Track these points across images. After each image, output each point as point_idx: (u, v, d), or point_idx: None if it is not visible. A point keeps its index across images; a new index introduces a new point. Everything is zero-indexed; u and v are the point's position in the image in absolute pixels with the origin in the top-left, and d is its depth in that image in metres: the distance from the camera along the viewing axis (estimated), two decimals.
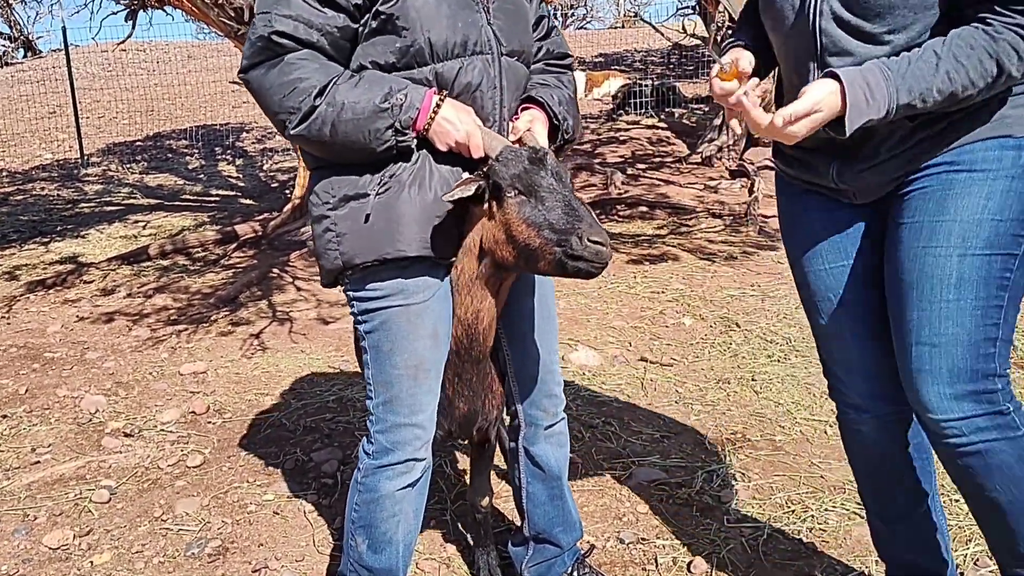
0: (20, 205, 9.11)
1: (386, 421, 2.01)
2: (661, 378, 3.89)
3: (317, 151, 1.91)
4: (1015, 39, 1.56)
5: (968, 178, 1.68)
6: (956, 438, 1.70)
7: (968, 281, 1.67)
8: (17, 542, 2.82)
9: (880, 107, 1.60)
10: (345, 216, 1.90)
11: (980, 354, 1.68)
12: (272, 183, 9.76)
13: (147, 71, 16.46)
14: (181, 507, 2.99)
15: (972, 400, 1.68)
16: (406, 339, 1.95)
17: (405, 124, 1.81)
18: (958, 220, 1.67)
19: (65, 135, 12.37)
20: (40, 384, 4.20)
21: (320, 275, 2.05)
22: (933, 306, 1.69)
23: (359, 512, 2.07)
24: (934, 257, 1.69)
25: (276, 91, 1.81)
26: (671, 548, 2.62)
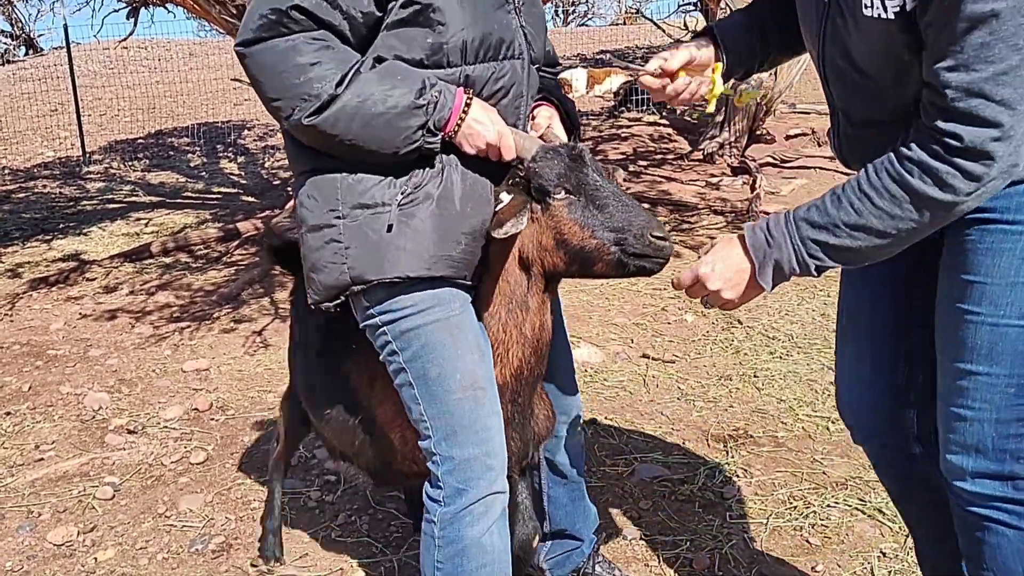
0: (22, 203, 9.12)
1: (453, 458, 1.76)
2: (663, 375, 3.90)
3: (323, 146, 1.68)
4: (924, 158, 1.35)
5: (1001, 231, 1.45)
6: (965, 505, 1.60)
7: (1002, 355, 1.48)
8: (21, 538, 2.83)
9: (782, 247, 1.49)
10: (357, 227, 1.69)
11: (1009, 434, 1.51)
12: (274, 180, 9.76)
13: (149, 69, 16.45)
14: (185, 503, 3.00)
15: (992, 479, 1.55)
16: (454, 357, 1.73)
17: (437, 125, 1.64)
18: (989, 283, 1.46)
19: (67, 133, 12.37)
20: (43, 381, 4.21)
21: (312, 291, 1.80)
22: (964, 377, 1.53)
23: (444, 569, 1.80)
24: (968, 323, 1.50)
25: (286, 73, 1.59)
26: (673, 544, 2.62)
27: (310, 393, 2.25)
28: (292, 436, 2.58)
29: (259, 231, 6.95)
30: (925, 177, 1.36)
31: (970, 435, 1.54)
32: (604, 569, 2.42)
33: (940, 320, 1.59)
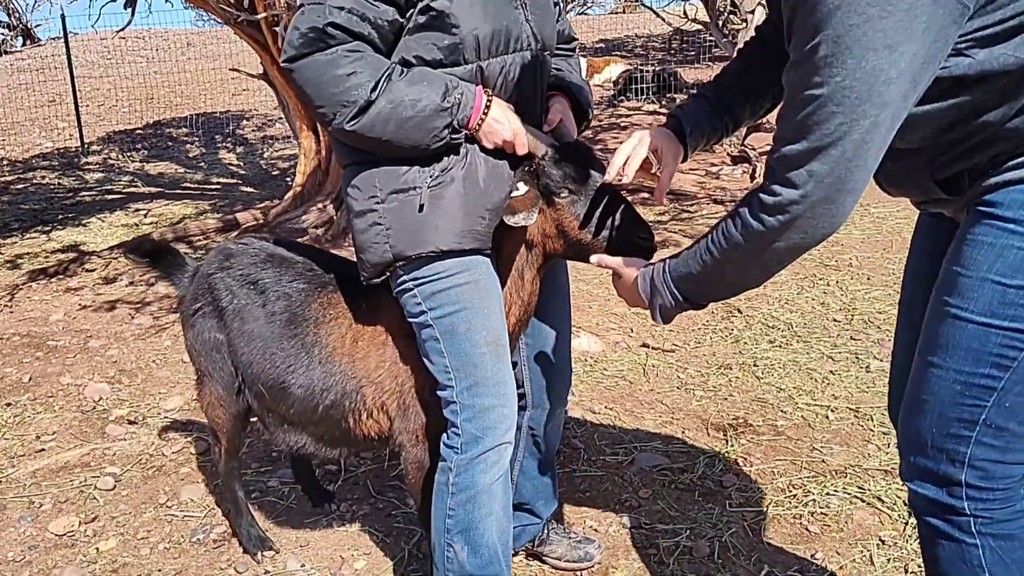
0: (21, 194, 9.11)
1: (474, 407, 1.95)
2: (663, 364, 3.90)
3: (363, 145, 1.87)
4: (744, 212, 1.45)
5: (987, 226, 1.40)
6: (915, 511, 1.56)
7: (956, 348, 1.42)
8: (23, 529, 2.84)
9: (663, 292, 1.67)
10: (395, 210, 1.88)
11: (947, 433, 1.45)
12: (273, 171, 9.75)
13: (146, 59, 16.41)
14: (186, 494, 3.01)
15: (930, 482, 1.49)
16: (481, 314, 1.93)
17: (461, 123, 1.82)
18: (963, 274, 1.41)
19: (65, 123, 12.35)
20: (43, 372, 4.21)
21: (362, 269, 2.00)
22: (922, 364, 1.49)
23: (455, 516, 1.98)
24: (933, 308, 1.48)
25: (327, 84, 1.77)
26: (673, 532, 2.63)
27: (265, 371, 2.25)
28: (232, 433, 2.51)
29: (259, 221, 6.94)
30: (737, 225, 1.47)
31: (914, 429, 1.50)
32: (560, 534, 2.53)
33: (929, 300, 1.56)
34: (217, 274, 2.36)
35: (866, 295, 4.45)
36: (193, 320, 2.41)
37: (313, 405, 2.19)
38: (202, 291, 2.39)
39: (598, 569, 2.48)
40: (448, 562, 2.01)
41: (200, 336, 2.39)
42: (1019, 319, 1.37)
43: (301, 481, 2.93)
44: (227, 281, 2.33)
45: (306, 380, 2.18)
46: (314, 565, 2.59)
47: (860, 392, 3.43)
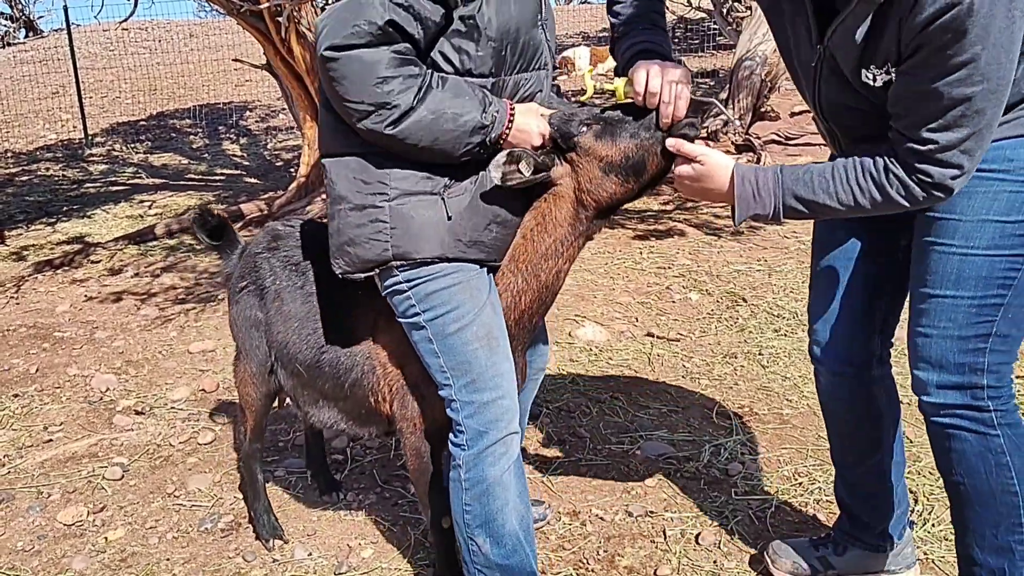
0: (25, 186, 9.12)
1: (472, 403, 1.96)
2: (668, 353, 3.90)
3: (386, 145, 1.85)
4: (908, 183, 1.65)
5: (977, 177, 1.68)
6: (935, 418, 1.83)
7: (967, 279, 1.73)
8: (32, 519, 2.86)
9: (766, 206, 1.76)
10: (405, 211, 1.88)
11: (969, 349, 1.76)
12: (276, 162, 9.75)
13: (149, 50, 16.39)
14: (193, 483, 3.03)
15: (954, 390, 1.79)
16: (471, 311, 1.93)
17: (492, 141, 1.86)
18: (963, 220, 1.72)
19: (69, 115, 12.35)
20: (50, 363, 4.23)
21: (344, 262, 1.98)
22: (932, 300, 1.78)
23: (472, 510, 2.00)
24: (938, 254, 1.76)
25: (368, 83, 1.75)
26: (679, 521, 2.64)
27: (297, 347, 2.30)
28: (260, 412, 2.57)
29: (263, 212, 6.95)
30: (902, 191, 1.66)
31: (935, 352, 1.79)
32: None
33: (913, 258, 1.84)
34: (263, 254, 2.42)
35: None
36: (238, 297, 2.47)
37: (340, 383, 2.23)
38: (248, 270, 2.45)
39: (604, 557, 2.49)
40: (474, 555, 2.02)
41: (242, 313, 2.45)
42: (1018, 246, 1.70)
43: (312, 467, 2.95)
44: (272, 262, 2.39)
45: (333, 358, 2.23)
46: (321, 553, 2.60)
47: None
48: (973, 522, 1.85)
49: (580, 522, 2.67)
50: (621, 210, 2.19)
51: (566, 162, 1.95)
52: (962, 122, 1.55)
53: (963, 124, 1.56)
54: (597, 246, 5.57)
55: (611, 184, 1.93)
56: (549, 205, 1.98)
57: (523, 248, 1.99)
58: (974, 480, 1.81)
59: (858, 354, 2.08)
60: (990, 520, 1.82)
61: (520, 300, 2.03)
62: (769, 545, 2.38)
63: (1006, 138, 1.68)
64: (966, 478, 1.82)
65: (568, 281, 5.01)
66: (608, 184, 1.93)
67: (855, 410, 2.14)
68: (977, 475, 1.80)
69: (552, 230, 1.97)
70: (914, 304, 1.84)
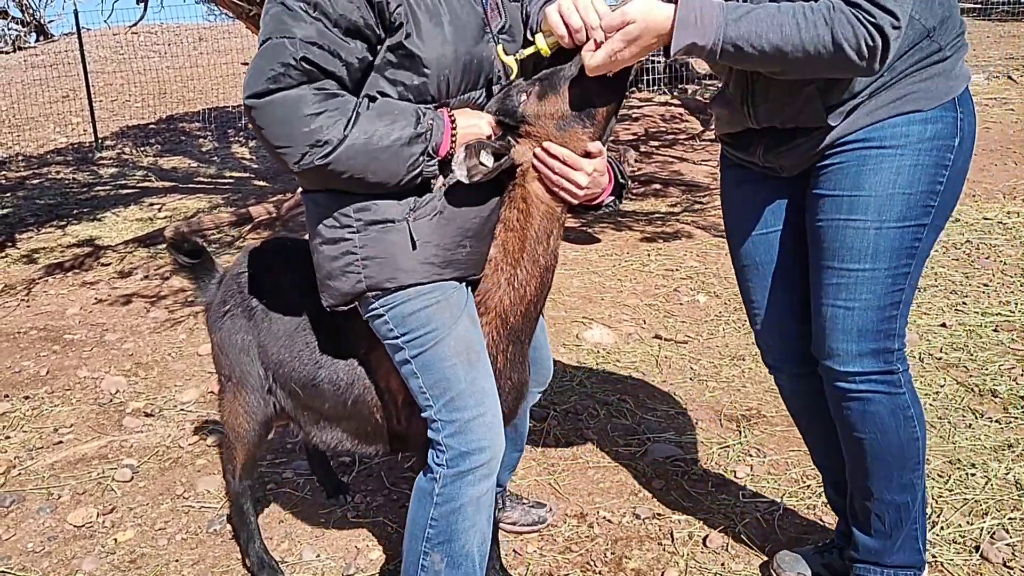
0: (36, 189, 9.17)
1: (453, 423, 1.88)
2: (676, 355, 3.90)
3: (324, 183, 1.82)
4: (854, 21, 1.59)
5: (880, 154, 1.79)
6: (849, 384, 1.93)
7: (883, 252, 1.83)
8: (42, 520, 2.87)
9: (706, 34, 1.64)
10: (371, 240, 1.84)
11: (885, 317, 1.88)
12: None
13: (159, 54, 16.46)
14: (202, 485, 3.04)
15: (872, 357, 1.90)
16: (448, 327, 1.87)
17: (435, 148, 1.79)
18: (873, 195, 1.80)
19: (79, 119, 12.41)
20: (60, 365, 4.25)
21: (327, 295, 1.94)
22: (851, 274, 1.86)
23: (437, 527, 1.92)
24: (854, 230, 1.83)
25: (295, 123, 1.71)
26: (687, 523, 2.64)
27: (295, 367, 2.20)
28: (252, 445, 2.40)
29: (271, 215, 6.97)
30: (849, 31, 1.58)
31: (857, 323, 1.88)
32: (513, 501, 2.62)
33: (824, 237, 1.88)
34: (246, 274, 2.32)
35: None
36: (222, 323, 2.35)
37: (342, 400, 2.14)
38: (231, 293, 2.34)
39: (611, 559, 2.49)
40: (423, 571, 1.95)
41: (228, 339, 2.33)
42: (923, 216, 1.82)
43: (317, 472, 2.95)
44: (256, 281, 2.29)
45: (331, 374, 2.14)
46: (329, 555, 2.61)
47: None
48: (881, 470, 1.99)
49: (587, 524, 2.67)
50: (628, 213, 2.17)
51: (523, 137, 1.88)
52: None
53: None
54: (604, 248, 5.57)
55: (575, 135, 1.84)
56: (524, 185, 1.90)
57: (513, 240, 1.92)
58: (886, 435, 1.95)
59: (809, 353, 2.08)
60: (896, 465, 1.97)
61: (526, 291, 1.96)
62: (774, 559, 2.36)
63: (900, 115, 1.78)
64: (878, 434, 1.95)
65: (575, 283, 5.03)
66: (572, 136, 1.84)
67: (821, 407, 2.14)
68: (888, 431, 1.94)
69: (536, 210, 1.90)
70: (827, 280, 1.90)
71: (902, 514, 2.02)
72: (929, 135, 1.78)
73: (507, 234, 1.93)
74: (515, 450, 2.51)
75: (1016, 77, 9.09)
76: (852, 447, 2.02)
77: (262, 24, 1.77)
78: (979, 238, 5.02)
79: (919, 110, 1.77)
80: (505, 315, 1.98)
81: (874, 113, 1.79)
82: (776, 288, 2.10)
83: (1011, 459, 2.81)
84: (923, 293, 4.29)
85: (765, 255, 2.09)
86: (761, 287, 2.12)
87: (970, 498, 2.62)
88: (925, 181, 1.79)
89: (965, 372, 3.46)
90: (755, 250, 2.10)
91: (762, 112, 1.89)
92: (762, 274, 2.10)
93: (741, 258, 2.14)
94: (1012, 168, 6.38)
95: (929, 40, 1.76)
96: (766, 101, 1.87)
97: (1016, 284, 4.33)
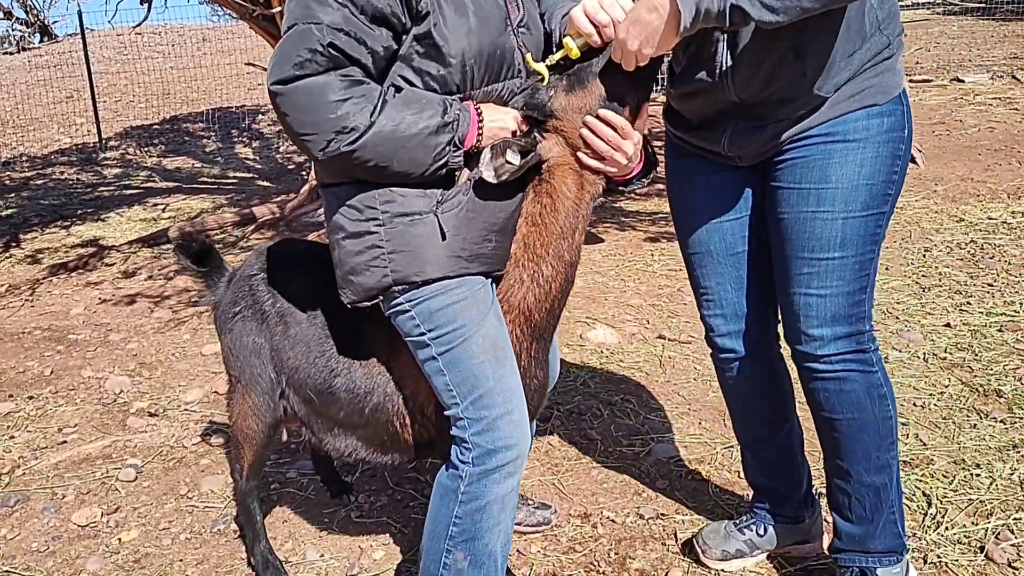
0: (40, 189, 9.19)
1: (481, 421, 1.86)
2: (679, 355, 3.90)
3: (350, 170, 1.80)
4: None
5: (844, 148, 1.89)
6: (825, 366, 2.02)
7: (850, 240, 1.93)
8: (47, 519, 2.88)
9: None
10: (398, 233, 1.82)
11: (855, 301, 1.98)
12: (289, 165, 9.79)
13: (162, 54, 16.49)
14: (206, 485, 3.04)
15: (845, 340, 1.99)
16: (475, 325, 1.86)
17: (461, 139, 1.78)
18: (840, 187, 1.90)
19: (83, 119, 12.45)
20: (65, 365, 4.26)
21: (349, 291, 1.92)
22: (822, 263, 1.95)
23: (461, 525, 1.89)
24: (822, 221, 1.93)
25: (320, 110, 1.70)
26: (691, 523, 2.63)
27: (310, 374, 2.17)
28: (260, 446, 2.39)
29: (275, 215, 6.98)
30: None
31: (830, 308, 1.97)
32: (519, 502, 2.61)
33: (792, 230, 1.97)
34: (258, 275, 2.28)
35: (884, 285, 4.42)
36: (232, 324, 2.31)
37: (359, 408, 2.10)
38: (242, 294, 2.30)
39: (615, 559, 2.49)
40: (444, 569, 1.92)
41: (238, 340, 2.29)
42: (883, 204, 1.93)
43: (321, 472, 2.95)
44: (268, 283, 2.25)
45: (348, 382, 2.10)
46: (333, 555, 2.61)
47: None
48: (858, 451, 2.07)
49: (591, 524, 2.67)
50: (631, 213, 2.18)
51: (549, 132, 1.88)
52: None
53: None
54: (608, 248, 5.57)
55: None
56: (551, 181, 1.89)
57: (538, 235, 1.90)
58: (862, 414, 2.03)
59: (765, 334, 2.20)
60: (873, 444, 2.06)
61: (551, 288, 1.93)
62: (699, 534, 2.46)
63: (860, 108, 1.88)
64: (855, 413, 2.03)
65: (579, 283, 5.02)
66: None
67: (764, 388, 2.27)
68: (864, 409, 2.03)
69: (563, 204, 1.89)
70: (797, 270, 1.99)
71: (881, 496, 2.09)
72: (886, 128, 1.89)
73: (530, 228, 1.91)
74: None
75: (1020, 76, 9.07)
76: (829, 431, 2.10)
77: (286, 11, 1.76)
78: (983, 238, 5.01)
79: (876, 104, 1.88)
80: (529, 312, 1.95)
81: (837, 107, 1.88)
82: (731, 274, 2.18)
83: (1016, 459, 2.81)
84: (927, 293, 4.28)
85: (720, 242, 2.16)
86: (715, 273, 2.19)
87: (975, 498, 2.61)
88: (884, 171, 1.91)
89: (970, 372, 3.45)
90: (709, 238, 2.17)
91: (739, 79, 1.90)
92: (716, 261, 2.18)
93: (693, 246, 2.22)
94: (1016, 168, 6.37)
95: (880, 34, 1.87)
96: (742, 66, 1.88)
97: (1021, 284, 4.32)
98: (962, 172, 6.36)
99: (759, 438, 2.37)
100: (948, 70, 9.81)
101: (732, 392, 2.36)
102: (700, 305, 2.28)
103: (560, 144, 1.88)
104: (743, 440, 2.43)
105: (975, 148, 6.91)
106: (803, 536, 2.41)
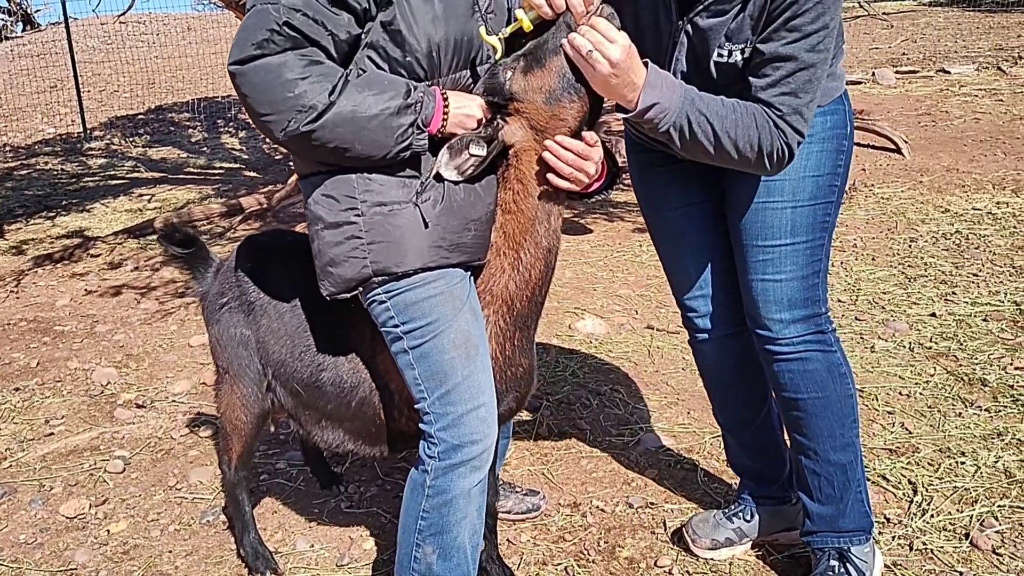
0: (24, 179, 9.11)
1: (447, 415, 1.86)
2: (668, 345, 3.91)
3: (319, 155, 1.79)
4: (775, 134, 1.83)
5: None
6: (785, 347, 2.11)
7: (800, 228, 2.05)
8: (34, 512, 2.87)
9: (672, 102, 1.80)
10: (376, 224, 1.81)
11: (810, 285, 2.08)
12: (275, 155, 9.73)
13: (147, 43, 16.35)
14: (195, 476, 3.04)
15: (803, 322, 2.10)
16: (448, 320, 1.85)
17: (425, 121, 1.76)
18: (788, 179, 2.02)
19: (67, 109, 12.32)
20: (51, 357, 4.23)
21: (329, 283, 1.90)
22: (775, 250, 2.07)
23: (429, 519, 1.91)
24: (772, 210, 2.05)
25: (279, 88, 1.68)
26: (679, 512, 2.65)
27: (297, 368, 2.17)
28: (249, 437, 2.38)
29: (262, 206, 6.95)
30: (782, 141, 1.85)
31: (785, 292, 2.08)
32: (507, 490, 2.65)
33: (745, 219, 2.08)
34: (244, 266, 2.28)
35: (870, 276, 4.45)
36: (219, 315, 2.31)
37: (346, 401, 2.10)
38: (229, 285, 2.30)
39: (605, 548, 2.51)
40: (415, 562, 1.94)
41: (226, 331, 2.29)
42: (830, 194, 2.06)
43: (310, 463, 2.95)
44: (255, 274, 2.25)
45: (335, 376, 2.10)
46: (323, 546, 2.61)
47: (864, 372, 3.44)
48: (824, 430, 2.15)
49: (581, 514, 2.69)
50: (620, 203, 2.19)
51: (510, 116, 1.85)
52: (807, 88, 1.82)
53: (807, 90, 1.82)
54: (596, 239, 5.57)
55: (563, 109, 1.82)
56: (519, 166, 1.88)
57: (513, 222, 1.90)
58: (825, 393, 2.12)
59: (737, 314, 2.25)
60: (837, 422, 2.14)
61: (531, 275, 1.93)
62: (689, 523, 2.48)
63: None
64: (818, 392, 2.12)
65: (568, 274, 5.02)
66: (561, 111, 1.82)
67: (741, 369, 2.34)
68: (826, 388, 2.12)
69: (533, 188, 1.87)
70: (753, 258, 2.10)
71: (848, 474, 2.17)
72: (829, 126, 2.03)
73: (506, 216, 1.91)
74: (503, 438, 2.52)
75: (1006, 68, 9.12)
76: (793, 411, 2.18)
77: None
78: (968, 228, 5.04)
79: (820, 106, 1.98)
80: (511, 301, 1.95)
81: None
82: (700, 257, 2.26)
83: (1000, 447, 2.84)
84: (913, 283, 4.31)
85: (688, 227, 2.25)
86: (686, 256, 2.28)
87: (960, 486, 2.64)
88: (829, 164, 2.04)
89: (955, 361, 3.48)
90: (677, 224, 2.27)
91: None
92: (685, 244, 2.27)
93: (662, 233, 2.33)
94: (1001, 159, 6.41)
95: None
96: None
97: (1005, 274, 4.35)
98: (948, 163, 6.40)
99: (739, 419, 2.42)
100: (934, 61, 9.85)
101: (711, 374, 2.43)
102: (675, 290, 2.36)
103: (524, 128, 1.86)
104: (724, 423, 2.49)
105: (961, 139, 6.95)
106: (789, 523, 2.44)
